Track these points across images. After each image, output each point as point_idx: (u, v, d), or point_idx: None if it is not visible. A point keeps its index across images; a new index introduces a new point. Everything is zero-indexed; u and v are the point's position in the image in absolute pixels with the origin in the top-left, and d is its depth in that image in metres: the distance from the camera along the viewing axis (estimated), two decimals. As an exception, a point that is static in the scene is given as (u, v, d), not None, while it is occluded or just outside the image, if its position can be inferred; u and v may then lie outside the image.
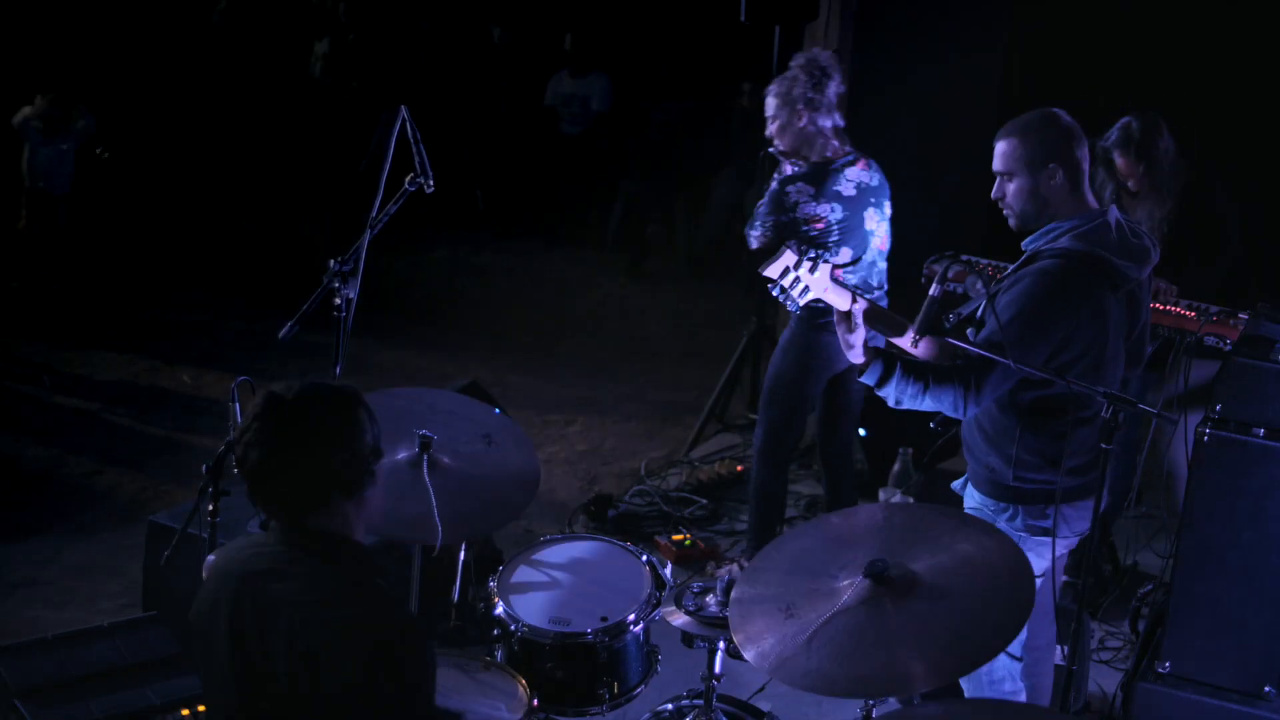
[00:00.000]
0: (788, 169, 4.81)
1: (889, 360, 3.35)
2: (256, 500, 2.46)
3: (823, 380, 4.93)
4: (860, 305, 3.36)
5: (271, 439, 2.40)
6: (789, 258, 3.43)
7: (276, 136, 10.51)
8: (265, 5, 11.13)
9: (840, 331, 3.39)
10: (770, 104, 4.79)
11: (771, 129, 4.80)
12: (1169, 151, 4.97)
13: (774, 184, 4.75)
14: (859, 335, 3.35)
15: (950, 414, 3.40)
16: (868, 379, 3.38)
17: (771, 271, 3.45)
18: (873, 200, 4.76)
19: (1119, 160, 4.99)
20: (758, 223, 4.76)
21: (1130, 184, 5.01)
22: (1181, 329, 4.54)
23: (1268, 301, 3.98)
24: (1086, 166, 3.43)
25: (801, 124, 4.70)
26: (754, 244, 4.80)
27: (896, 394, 3.36)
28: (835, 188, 4.67)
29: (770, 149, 4.91)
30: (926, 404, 3.36)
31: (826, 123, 4.71)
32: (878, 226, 4.79)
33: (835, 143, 4.74)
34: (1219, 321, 4.49)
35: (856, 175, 4.73)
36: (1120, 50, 6.69)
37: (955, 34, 7.49)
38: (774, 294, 4.27)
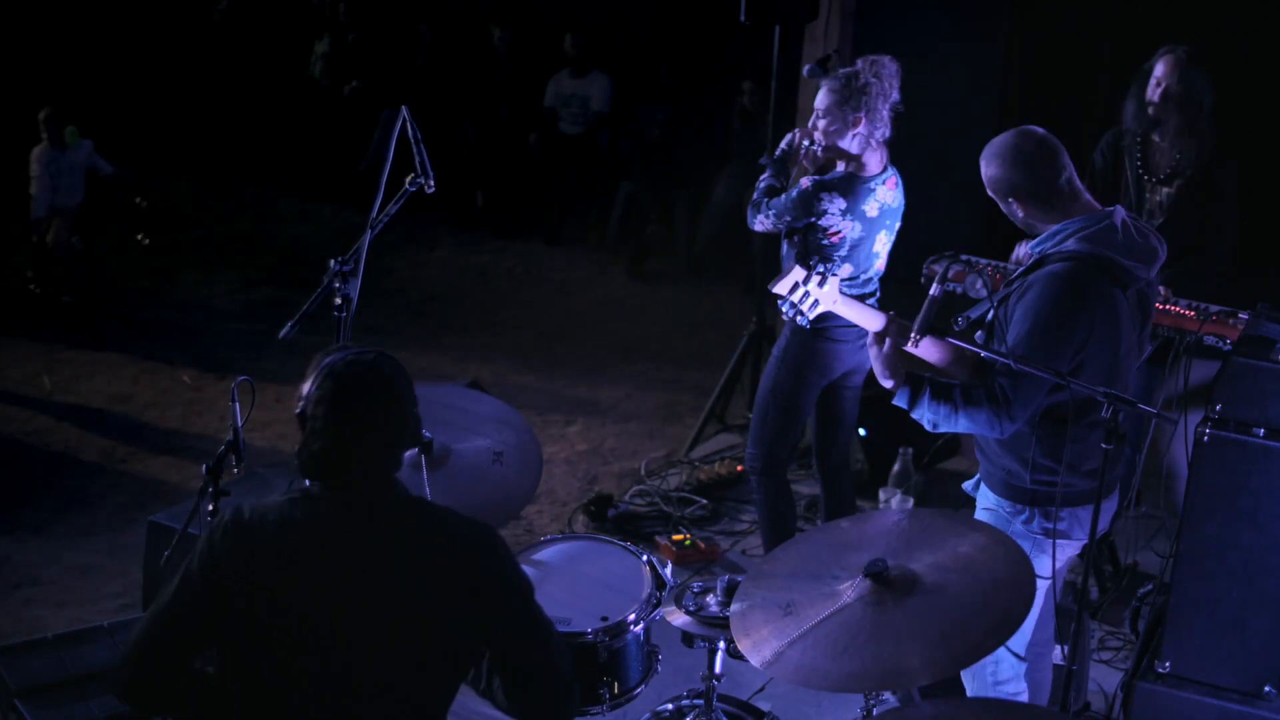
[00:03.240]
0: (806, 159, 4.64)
1: (916, 383, 3.34)
2: (335, 470, 2.53)
3: (818, 390, 4.77)
4: (893, 326, 3.35)
5: (361, 417, 2.53)
6: (798, 273, 3.44)
7: (276, 136, 10.51)
8: (265, 5, 11.13)
9: (873, 354, 3.37)
10: (825, 99, 4.48)
11: (820, 124, 4.50)
12: (1206, 85, 4.87)
13: (806, 183, 4.50)
14: (892, 357, 3.33)
15: (989, 434, 3.38)
16: (899, 402, 3.37)
17: (781, 288, 3.46)
18: (888, 223, 4.61)
19: (1161, 65, 4.88)
20: (771, 213, 4.60)
21: (1168, 86, 4.87)
22: (1181, 329, 4.53)
23: (1268, 301, 3.98)
24: (1064, 178, 3.39)
25: (856, 132, 4.46)
26: (756, 228, 4.69)
27: (931, 416, 3.35)
28: (863, 206, 4.49)
29: (804, 142, 4.62)
30: (962, 425, 3.35)
31: (878, 136, 4.49)
32: (883, 249, 4.66)
33: (876, 156, 4.53)
34: (1219, 321, 4.48)
35: (884, 195, 4.55)
36: (1121, 48, 6.69)
37: (955, 34, 7.50)
38: (783, 309, 4.03)
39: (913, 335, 3.30)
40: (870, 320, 3.41)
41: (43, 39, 10.53)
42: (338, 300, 3.56)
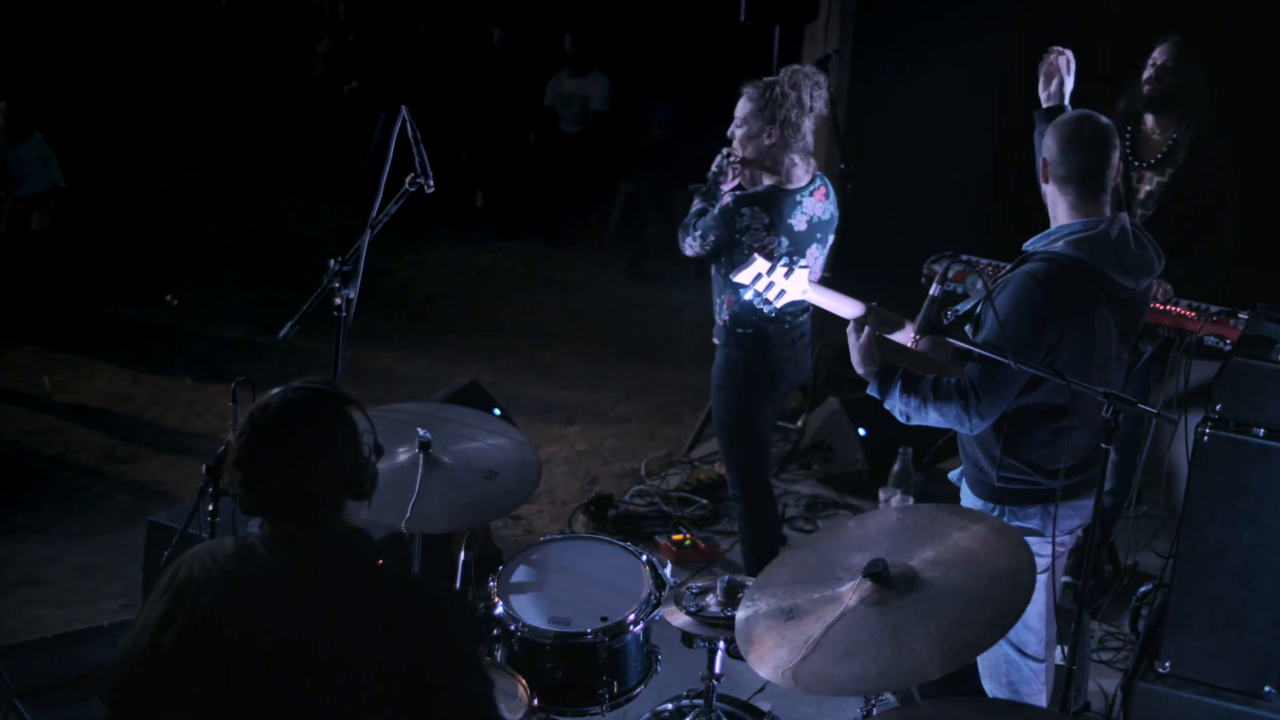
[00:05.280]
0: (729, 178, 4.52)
1: (888, 373, 3.34)
2: (258, 510, 2.42)
3: (768, 399, 4.65)
4: (872, 315, 3.34)
5: (271, 456, 2.38)
6: (761, 264, 3.38)
7: (276, 136, 10.52)
8: (265, 5, 11.13)
9: (851, 341, 3.36)
10: (744, 108, 4.43)
11: (737, 134, 4.45)
12: (1200, 67, 4.87)
13: (727, 200, 4.41)
14: (869, 346, 3.33)
15: (958, 429, 3.38)
16: (872, 392, 3.38)
17: (744, 278, 3.41)
18: (818, 236, 4.47)
19: (1158, 51, 4.89)
20: (697, 234, 4.49)
21: (1163, 63, 4.89)
22: (1181, 329, 4.53)
23: (1268, 301, 3.98)
24: (1090, 174, 3.37)
25: (771, 142, 4.36)
26: (688, 252, 4.57)
27: (902, 407, 3.36)
28: (790, 220, 4.37)
29: (729, 158, 4.50)
30: (932, 418, 3.35)
31: (798, 146, 4.39)
32: (815, 262, 4.50)
33: (801, 167, 4.41)
34: (1219, 321, 4.48)
35: (811, 208, 4.41)
36: (1120, 48, 6.69)
37: (955, 34, 7.50)
38: (748, 298, 3.91)
39: (913, 336, 3.30)
40: (848, 308, 3.40)
41: (43, 39, 10.53)
42: (337, 300, 3.57)
